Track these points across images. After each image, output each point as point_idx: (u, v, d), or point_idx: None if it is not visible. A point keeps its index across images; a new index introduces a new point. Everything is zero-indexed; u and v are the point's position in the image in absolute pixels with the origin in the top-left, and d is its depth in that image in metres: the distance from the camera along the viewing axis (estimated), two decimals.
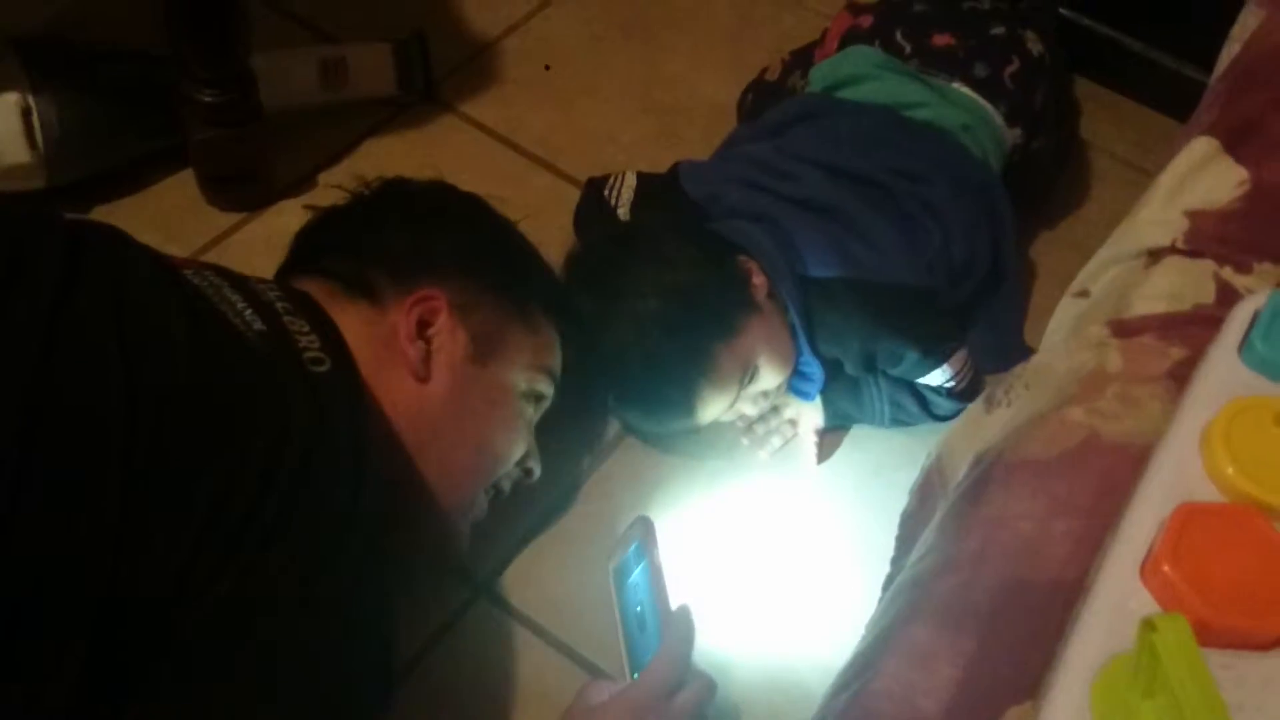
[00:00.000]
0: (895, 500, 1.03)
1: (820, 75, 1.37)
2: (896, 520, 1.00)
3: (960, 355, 1.19)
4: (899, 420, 1.23)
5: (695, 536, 1.16)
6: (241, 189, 1.39)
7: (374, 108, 1.49)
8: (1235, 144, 0.86)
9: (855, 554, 1.15)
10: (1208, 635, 0.56)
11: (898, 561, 0.88)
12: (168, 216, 1.37)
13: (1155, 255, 0.82)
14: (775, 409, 1.24)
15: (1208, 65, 1.16)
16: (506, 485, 1.09)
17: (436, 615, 1.10)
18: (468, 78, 1.55)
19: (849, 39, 1.37)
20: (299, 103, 1.45)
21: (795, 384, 1.23)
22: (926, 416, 1.23)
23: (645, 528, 1.07)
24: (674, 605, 1.00)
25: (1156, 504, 0.61)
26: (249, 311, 0.87)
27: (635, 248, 1.19)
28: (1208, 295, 0.78)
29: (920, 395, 1.22)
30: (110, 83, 1.33)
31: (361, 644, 0.85)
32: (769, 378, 1.18)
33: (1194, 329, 0.74)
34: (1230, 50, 1.12)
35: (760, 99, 1.46)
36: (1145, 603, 0.58)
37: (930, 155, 1.27)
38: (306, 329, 0.89)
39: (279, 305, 0.90)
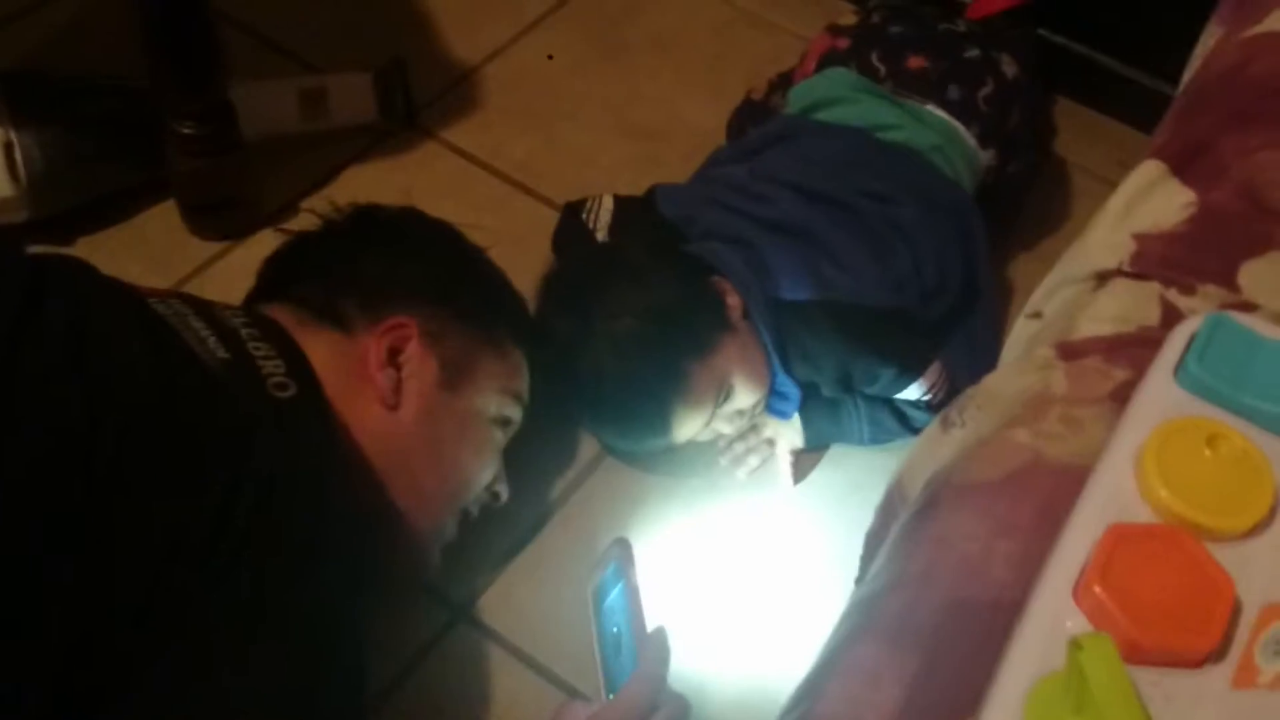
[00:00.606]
0: (870, 518, 1.04)
1: (797, 96, 1.38)
2: None
3: (934, 368, 1.21)
4: (878, 439, 1.25)
5: (673, 557, 1.17)
6: (224, 218, 1.40)
7: (356, 135, 1.50)
8: (1183, 166, 0.87)
9: (831, 573, 1.15)
10: (1137, 653, 0.57)
11: (861, 581, 0.89)
12: (151, 246, 1.39)
13: (1103, 277, 0.84)
14: (754, 428, 1.25)
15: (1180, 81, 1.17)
16: (475, 509, 1.10)
17: (414, 639, 1.11)
18: (448, 104, 1.57)
19: (827, 61, 1.39)
20: (280, 131, 1.46)
21: (773, 403, 1.24)
22: (906, 431, 1.24)
23: (623, 549, 1.08)
24: (650, 626, 1.01)
25: (1090, 525, 0.62)
26: (213, 339, 0.88)
27: (611, 269, 1.21)
28: (1153, 317, 0.79)
29: (899, 411, 1.23)
30: (91, 115, 1.35)
31: (332, 669, 0.86)
32: (744, 397, 1.20)
33: (1138, 350, 0.75)
34: (1192, 68, 1.13)
35: (745, 119, 1.48)
36: (1078, 622, 0.60)
37: (901, 176, 1.28)
38: (272, 355, 0.90)
39: (244, 332, 0.91)
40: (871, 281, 1.20)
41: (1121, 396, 0.72)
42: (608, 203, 1.34)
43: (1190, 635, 0.58)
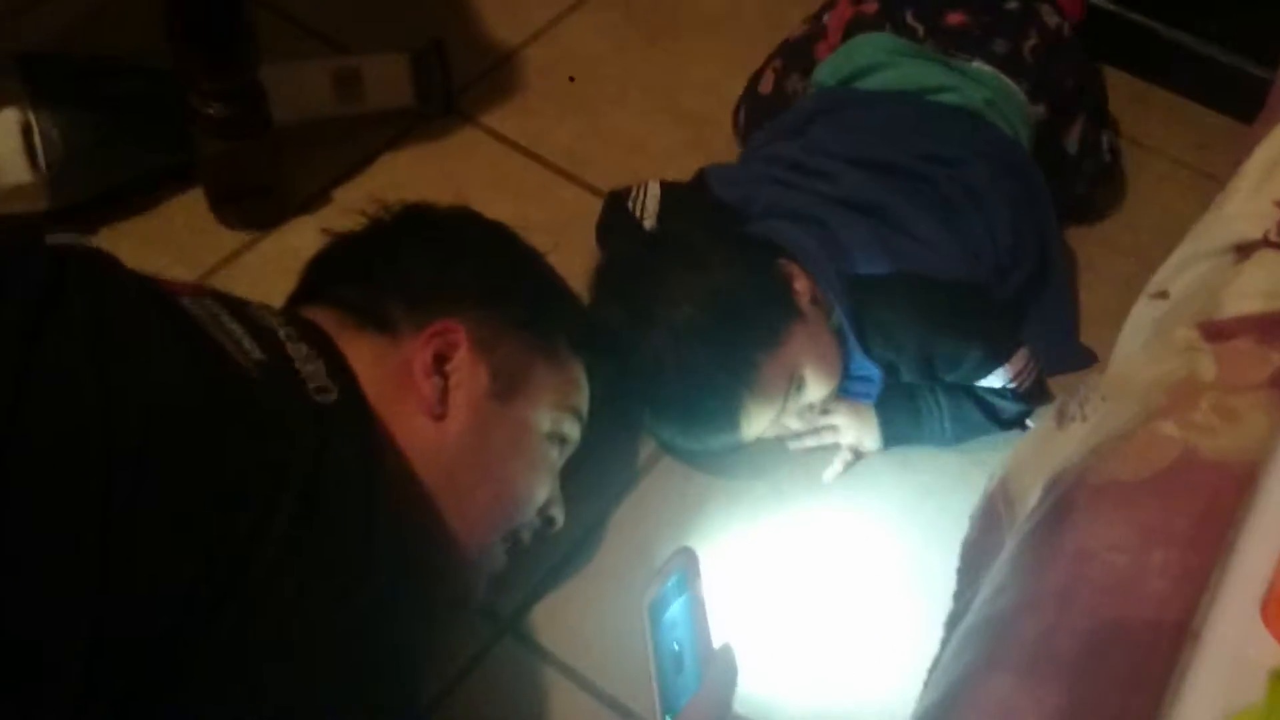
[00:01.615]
0: (949, 526, 0.96)
1: (830, 70, 1.31)
2: (953, 549, 0.92)
3: (1022, 353, 1.14)
4: (962, 436, 1.17)
5: (737, 569, 1.10)
6: (253, 206, 1.34)
7: (391, 120, 1.44)
8: None
9: (909, 586, 1.09)
10: None
11: (961, 596, 0.80)
12: (177, 237, 1.33)
13: (1245, 250, 0.74)
14: (830, 428, 1.17)
15: (1266, 59, 1.12)
16: (526, 535, 1.02)
17: (460, 654, 1.05)
18: (488, 89, 1.51)
19: (854, 28, 1.33)
20: (312, 116, 1.40)
21: (852, 387, 1.17)
22: (993, 424, 1.16)
23: (688, 559, 1.01)
24: (716, 644, 0.93)
25: (1275, 530, 0.53)
26: (248, 339, 0.82)
27: (667, 254, 1.14)
28: None
29: (983, 401, 1.16)
30: (115, 98, 1.30)
31: (381, 688, 0.80)
32: (815, 389, 1.13)
33: None
34: None
35: (756, 113, 1.40)
36: (1270, 649, 0.50)
37: (963, 138, 1.23)
38: (312, 357, 0.84)
39: (282, 332, 0.86)
40: (948, 252, 1.14)
41: None
42: (654, 189, 1.26)
43: None
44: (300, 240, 1.33)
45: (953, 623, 0.78)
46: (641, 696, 0.99)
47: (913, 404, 1.17)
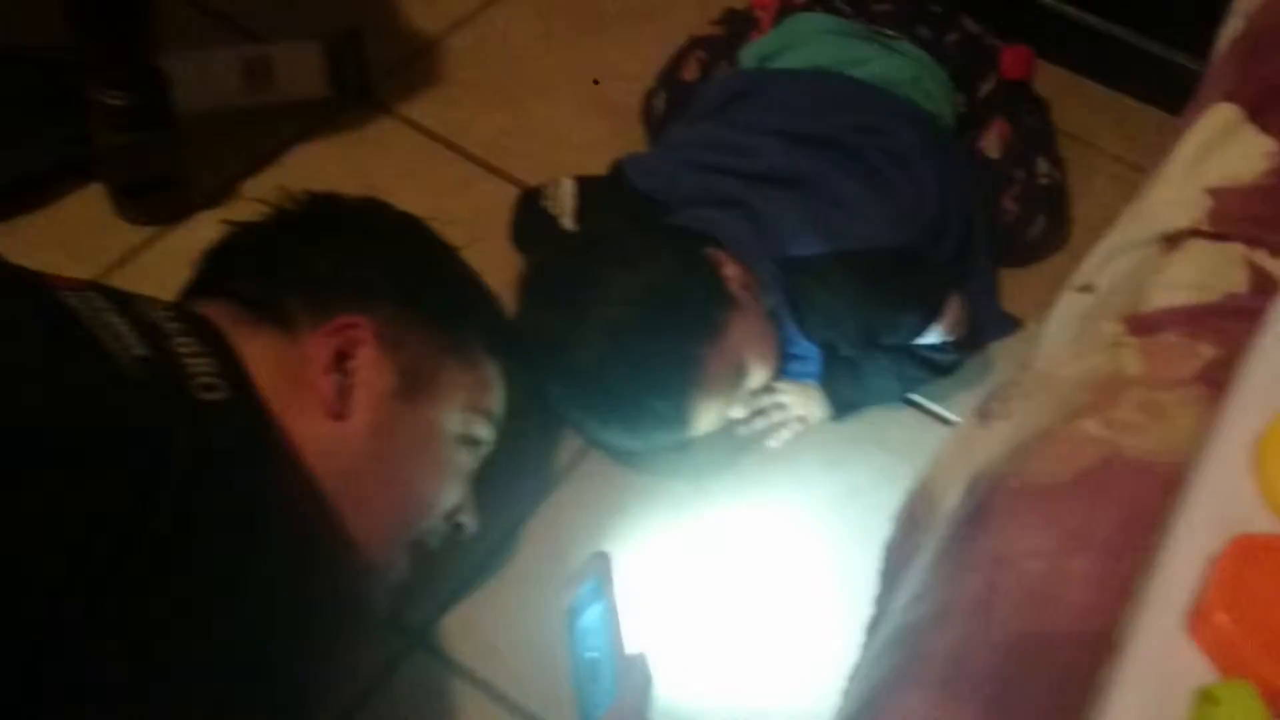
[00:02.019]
0: (876, 526, 0.93)
1: (755, 50, 1.31)
2: (878, 550, 0.89)
3: (954, 304, 1.14)
4: (907, 390, 1.19)
5: (656, 573, 1.07)
6: (155, 200, 1.29)
7: (304, 111, 1.39)
8: (1260, 112, 0.75)
9: (833, 588, 1.06)
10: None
11: (882, 600, 0.76)
12: (75, 232, 1.28)
13: (1174, 239, 0.71)
14: (779, 406, 1.16)
15: (1196, 51, 1.08)
16: (434, 541, 0.98)
17: (367, 667, 1.01)
18: (407, 78, 1.46)
19: (784, 15, 1.34)
20: (221, 106, 1.35)
21: (792, 368, 1.16)
22: (936, 375, 1.18)
23: (602, 564, 0.98)
24: (630, 651, 0.89)
25: (1201, 537, 0.49)
26: (132, 335, 0.77)
27: (595, 254, 1.10)
28: (1240, 283, 0.67)
29: (922, 358, 1.17)
30: (8, 88, 1.25)
31: (269, 705, 0.76)
32: (759, 375, 1.12)
33: (1226, 322, 0.63)
34: (1234, 25, 1.02)
35: (678, 101, 1.37)
36: (1195, 663, 0.46)
37: (887, 109, 1.22)
38: (200, 353, 0.80)
39: (168, 326, 0.81)
40: (879, 220, 1.14)
41: (1211, 378, 0.59)
42: (568, 186, 1.23)
43: None
44: (206, 235, 1.25)
45: (872, 628, 0.74)
46: (559, 707, 0.96)
47: (854, 371, 1.16)
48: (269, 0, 1.49)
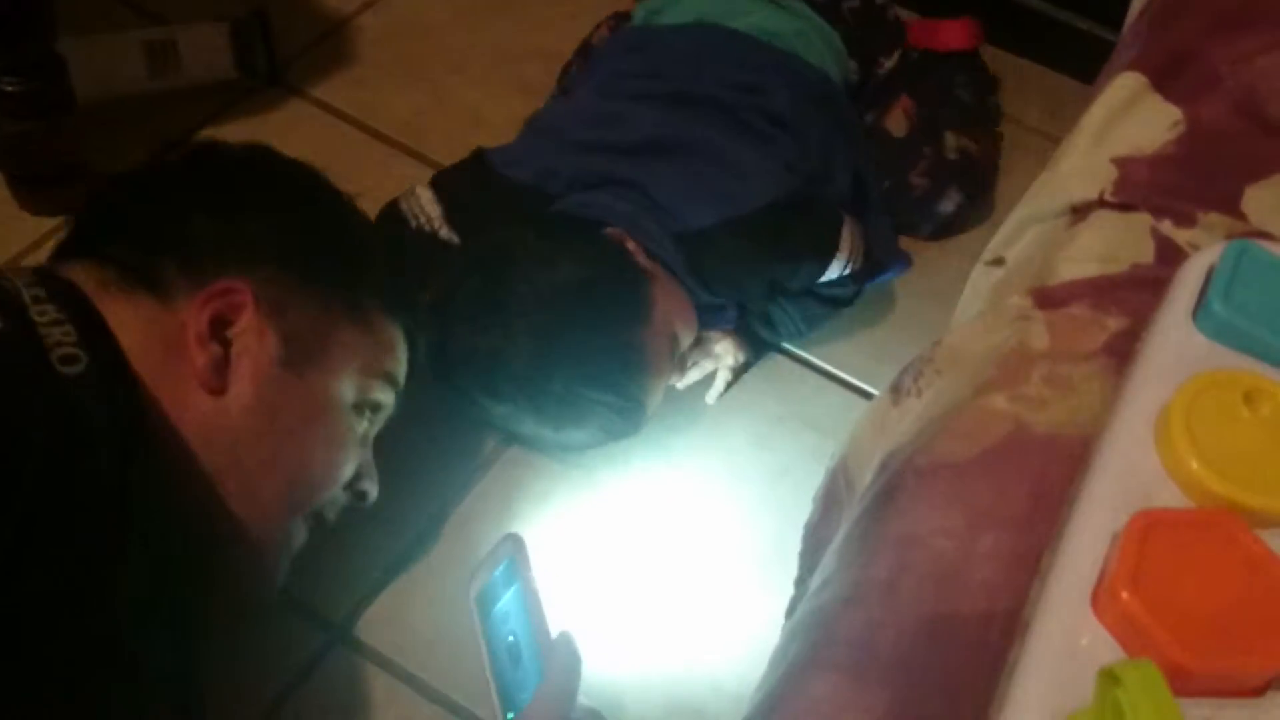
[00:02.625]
0: (804, 505, 0.93)
1: (642, 6, 1.30)
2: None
3: (846, 235, 1.13)
4: (815, 326, 1.21)
5: (576, 551, 1.05)
6: (57, 189, 1.25)
7: (211, 94, 1.36)
8: (1165, 80, 0.74)
9: (760, 567, 1.05)
10: (1183, 681, 0.44)
11: (802, 582, 0.75)
12: None
13: (1081, 211, 0.71)
14: (710, 355, 1.17)
15: (1114, 22, 1.07)
16: (331, 512, 0.93)
17: (287, 664, 0.98)
18: (318, 59, 1.43)
19: None
20: (123, 91, 1.32)
21: (709, 318, 1.16)
22: (836, 309, 1.21)
23: (515, 545, 0.96)
24: (554, 632, 0.88)
25: (1106, 512, 0.49)
26: None
27: (502, 262, 1.06)
28: (1146, 254, 0.66)
29: (823, 296, 1.19)
30: None
31: (154, 699, 0.72)
32: (686, 338, 1.12)
33: (1133, 294, 0.62)
34: None
35: (587, 68, 1.37)
36: (1101, 640, 0.46)
37: (763, 64, 1.21)
38: (59, 320, 0.73)
39: (27, 294, 0.74)
40: (760, 171, 1.13)
41: (1118, 350, 0.59)
42: (424, 194, 1.17)
43: (1249, 655, 0.44)
44: None
45: (791, 610, 0.73)
46: (484, 698, 0.93)
47: (763, 317, 1.19)
48: None
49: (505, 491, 1.10)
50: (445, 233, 1.15)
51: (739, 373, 1.19)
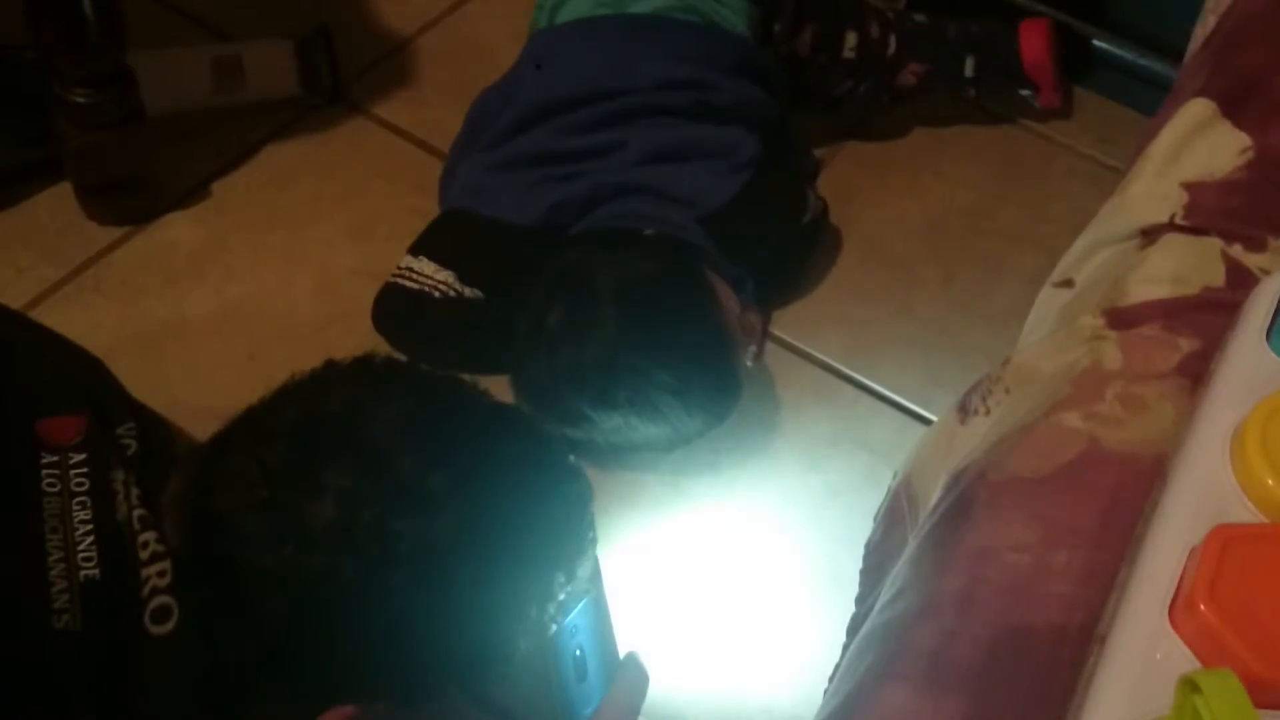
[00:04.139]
0: (857, 526, 0.94)
1: (541, 13, 1.30)
2: (859, 550, 0.89)
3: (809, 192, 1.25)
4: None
5: (638, 574, 1.05)
6: (124, 200, 1.27)
7: (276, 110, 1.37)
8: (1233, 108, 0.75)
9: (812, 587, 1.05)
10: (1260, 693, 0.44)
11: (864, 600, 0.76)
12: (43, 232, 1.25)
13: (1151, 234, 0.71)
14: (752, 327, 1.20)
15: (1173, 55, 1.09)
16: None
17: None
18: (379, 78, 1.44)
19: None
20: (191, 105, 1.33)
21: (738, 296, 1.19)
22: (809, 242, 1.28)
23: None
24: (622, 649, 0.88)
25: (1183, 528, 0.49)
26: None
27: (579, 282, 1.07)
28: (1217, 277, 0.67)
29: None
30: None
31: None
32: (734, 314, 1.14)
33: (1204, 316, 0.63)
34: (1205, 24, 1.02)
35: None
36: (1178, 653, 0.46)
37: (696, 53, 1.22)
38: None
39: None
40: (740, 140, 1.19)
41: (1191, 370, 0.59)
42: (424, 265, 1.16)
43: None
44: (176, 235, 1.27)
45: (854, 627, 0.74)
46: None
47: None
48: (240, 1, 1.47)
49: None
50: (470, 293, 1.16)
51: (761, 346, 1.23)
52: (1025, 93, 1.41)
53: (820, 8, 1.31)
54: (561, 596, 0.82)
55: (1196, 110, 0.76)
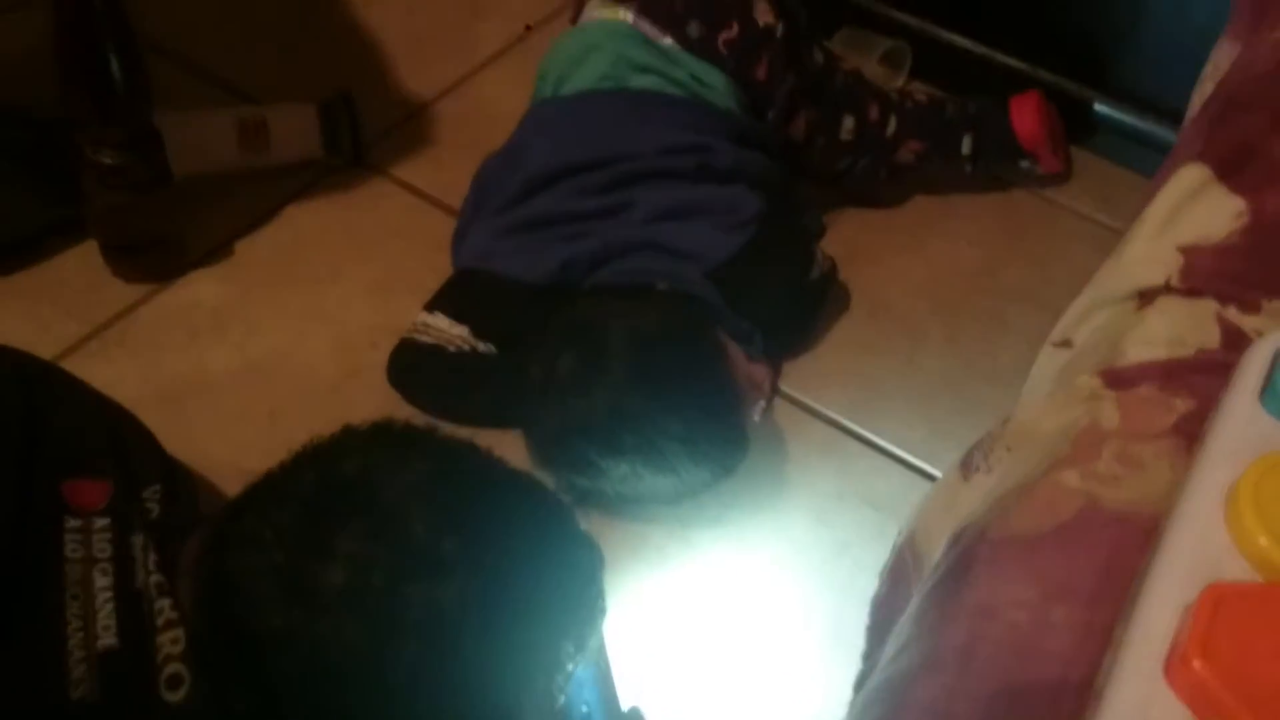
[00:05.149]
0: (864, 582, 0.94)
1: (546, 84, 1.33)
2: (865, 606, 0.89)
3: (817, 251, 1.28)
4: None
5: (643, 628, 1.06)
6: (149, 259, 1.30)
7: (298, 171, 1.41)
8: (1229, 172, 0.77)
9: (822, 644, 1.06)
10: None
11: (870, 657, 0.77)
12: (69, 290, 1.28)
13: (1148, 296, 0.73)
14: (757, 387, 1.21)
15: (1173, 118, 1.11)
16: None
17: None
18: (399, 141, 1.48)
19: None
20: (217, 167, 1.36)
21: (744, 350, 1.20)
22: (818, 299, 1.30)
23: None
24: (624, 705, 0.89)
25: (1177, 585, 0.50)
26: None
27: (589, 333, 1.10)
28: (1212, 339, 0.68)
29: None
30: (4, 147, 1.26)
31: None
32: (743, 368, 1.17)
33: (1199, 377, 0.64)
34: (1203, 89, 1.04)
35: None
36: (1173, 709, 0.47)
37: (695, 121, 1.26)
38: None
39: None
40: (747, 198, 1.21)
41: (1186, 430, 0.60)
42: (439, 320, 1.20)
43: None
44: (199, 293, 1.30)
45: (860, 684, 0.75)
46: None
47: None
48: (264, 63, 1.51)
49: None
50: (483, 347, 1.18)
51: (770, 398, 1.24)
52: (1025, 164, 1.44)
53: (815, 95, 1.33)
54: (570, 666, 0.82)
55: (1193, 175, 0.78)
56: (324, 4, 1.62)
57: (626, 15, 1.29)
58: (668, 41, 1.27)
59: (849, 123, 1.36)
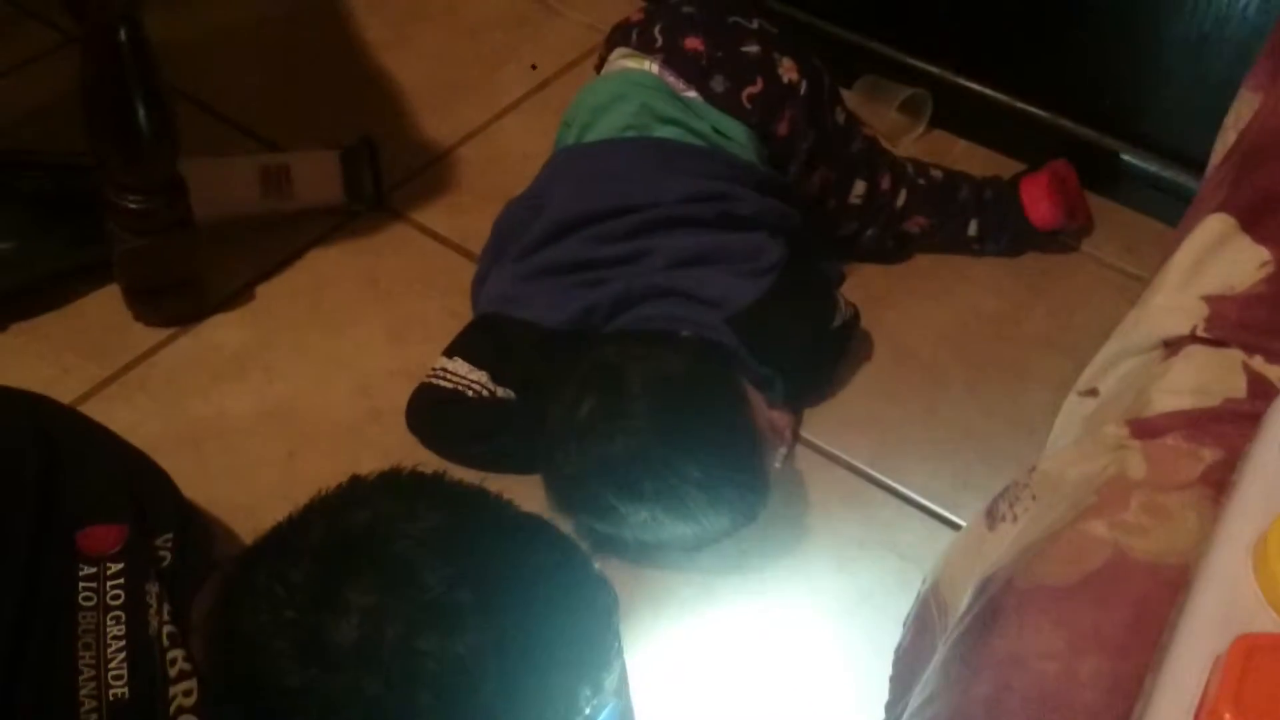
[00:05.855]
0: (886, 631, 0.94)
1: (570, 131, 1.33)
2: (889, 656, 0.89)
3: (841, 302, 1.27)
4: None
5: (666, 676, 1.05)
6: (171, 302, 1.30)
7: (320, 216, 1.42)
8: (1253, 222, 0.77)
9: (844, 694, 1.05)
10: None
11: (894, 707, 0.76)
12: (91, 333, 1.29)
13: (1173, 345, 0.72)
14: (779, 435, 1.21)
15: (1196, 167, 1.11)
16: None
17: None
18: (420, 187, 1.49)
19: (616, 31, 1.36)
20: (239, 212, 1.38)
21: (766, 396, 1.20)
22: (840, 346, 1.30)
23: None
24: None
25: (1207, 637, 0.50)
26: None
27: (610, 377, 1.09)
28: (1238, 388, 0.68)
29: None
30: (31, 191, 1.27)
31: None
32: (764, 414, 1.16)
33: (1226, 427, 0.64)
34: (1225, 139, 1.05)
35: None
36: None
37: (718, 171, 1.26)
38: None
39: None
40: (772, 243, 1.22)
41: (1214, 480, 0.60)
42: (458, 365, 1.20)
43: None
44: (220, 337, 1.30)
45: None
46: None
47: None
48: (287, 110, 1.52)
49: None
50: (502, 393, 1.19)
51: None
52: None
53: (833, 154, 1.34)
54: (588, 710, 0.81)
55: (1216, 225, 0.78)
56: (347, 51, 1.64)
57: (652, 66, 1.29)
58: (692, 94, 1.28)
59: (860, 187, 1.36)
